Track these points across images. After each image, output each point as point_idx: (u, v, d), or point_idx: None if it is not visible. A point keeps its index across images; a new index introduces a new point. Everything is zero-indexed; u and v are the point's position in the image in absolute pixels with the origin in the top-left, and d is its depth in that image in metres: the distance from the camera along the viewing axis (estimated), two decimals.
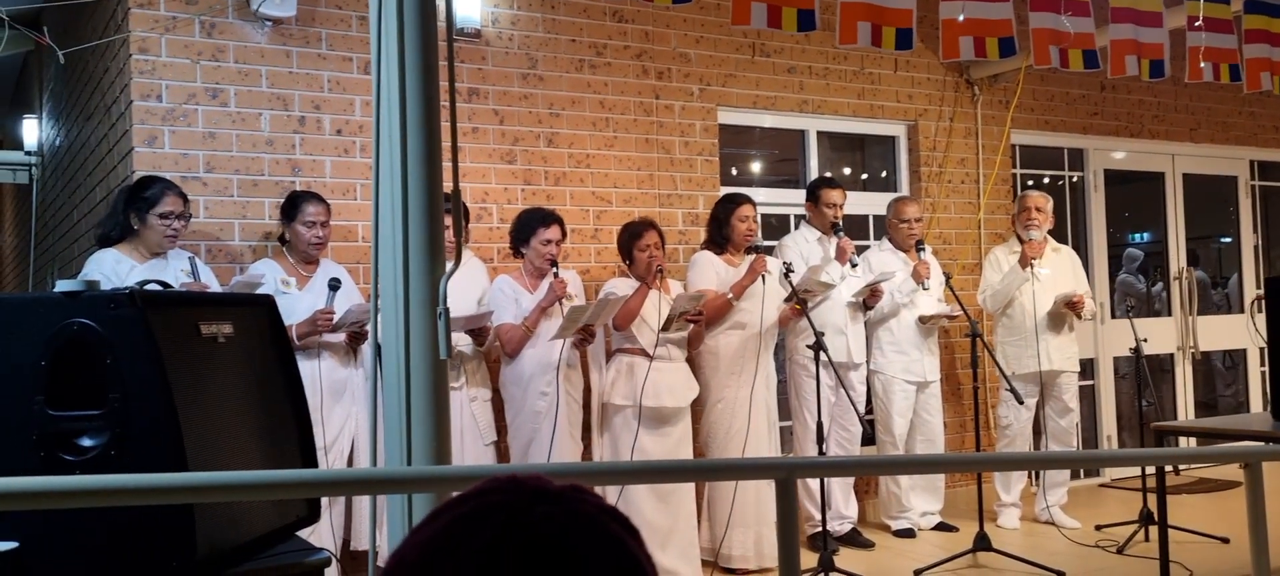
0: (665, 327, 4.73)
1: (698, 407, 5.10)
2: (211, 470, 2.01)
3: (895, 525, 5.69)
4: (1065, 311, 5.75)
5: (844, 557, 5.03)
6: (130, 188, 4.14)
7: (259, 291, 3.76)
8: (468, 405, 4.59)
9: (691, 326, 4.85)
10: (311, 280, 4.38)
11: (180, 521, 1.94)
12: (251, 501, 2.17)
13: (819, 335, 4.76)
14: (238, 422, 2.22)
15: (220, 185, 4.56)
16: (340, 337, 4.33)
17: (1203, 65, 5.37)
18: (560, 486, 0.79)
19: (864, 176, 6.82)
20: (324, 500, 4.17)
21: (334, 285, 4.23)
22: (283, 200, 4.47)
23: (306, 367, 4.21)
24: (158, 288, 2.21)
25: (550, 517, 0.75)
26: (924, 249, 5.68)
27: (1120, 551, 5.21)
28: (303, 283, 4.37)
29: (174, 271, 4.06)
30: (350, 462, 4.39)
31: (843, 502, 5.50)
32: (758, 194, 6.07)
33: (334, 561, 2.39)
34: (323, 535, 4.17)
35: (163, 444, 1.94)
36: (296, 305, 4.25)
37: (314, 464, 2.50)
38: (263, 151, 4.65)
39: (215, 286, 4.18)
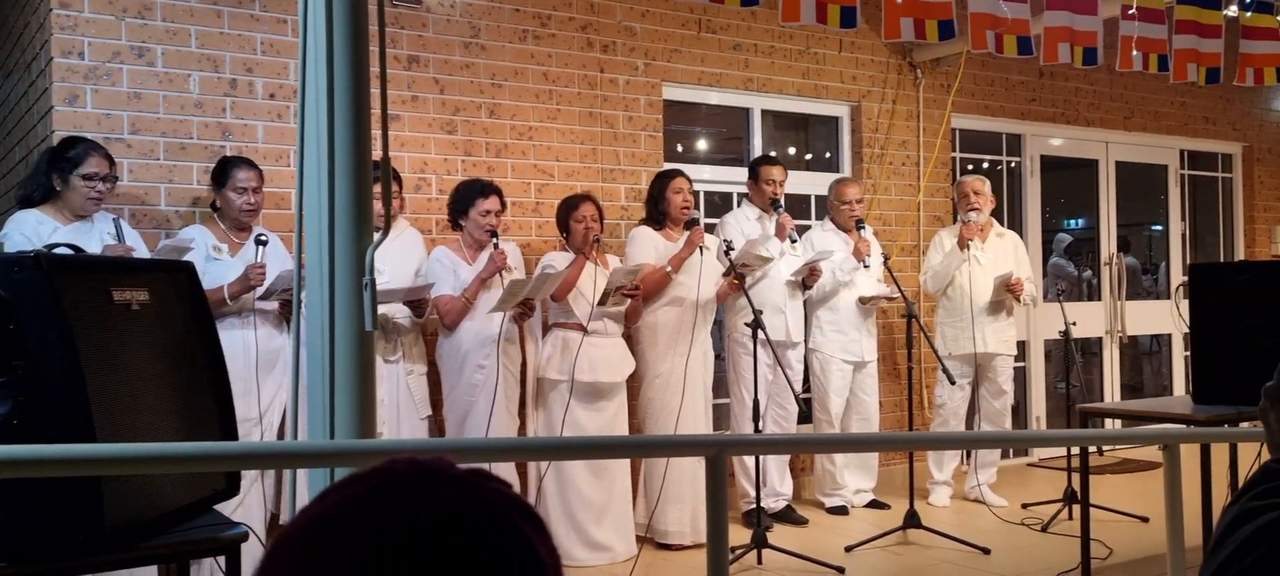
0: (602, 302, 4.71)
1: (635, 382, 5.10)
2: (122, 441, 1.95)
3: (829, 502, 5.75)
4: (1004, 295, 5.82)
5: (777, 534, 5.08)
6: (53, 148, 4.01)
7: (189, 258, 3.67)
8: (404, 378, 4.54)
9: (629, 301, 4.83)
10: (244, 248, 4.29)
11: (87, 494, 1.88)
12: (164, 474, 2.11)
13: (757, 313, 4.77)
14: (151, 392, 2.16)
15: (146, 148, 4.43)
16: (273, 306, 4.25)
17: (1134, 54, 5.46)
18: (463, 470, 0.75)
19: (808, 156, 6.84)
20: (253, 472, 4.11)
21: (261, 240, 4.17)
22: (212, 165, 4.35)
23: (240, 337, 4.14)
24: (68, 251, 2.14)
25: (446, 503, 0.72)
26: (864, 227, 5.72)
27: (1044, 529, 5.32)
28: (235, 250, 4.28)
29: (99, 234, 3.95)
30: (281, 435, 4.31)
31: (778, 480, 5.54)
32: (702, 172, 6.08)
33: (253, 536, 2.33)
34: (251, 508, 4.11)
35: (69, 413, 1.87)
36: (228, 272, 4.17)
37: (233, 436, 2.45)
38: (191, 114, 4.52)
39: (142, 249, 4.07)
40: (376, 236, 2.27)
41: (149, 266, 2.73)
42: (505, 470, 4.62)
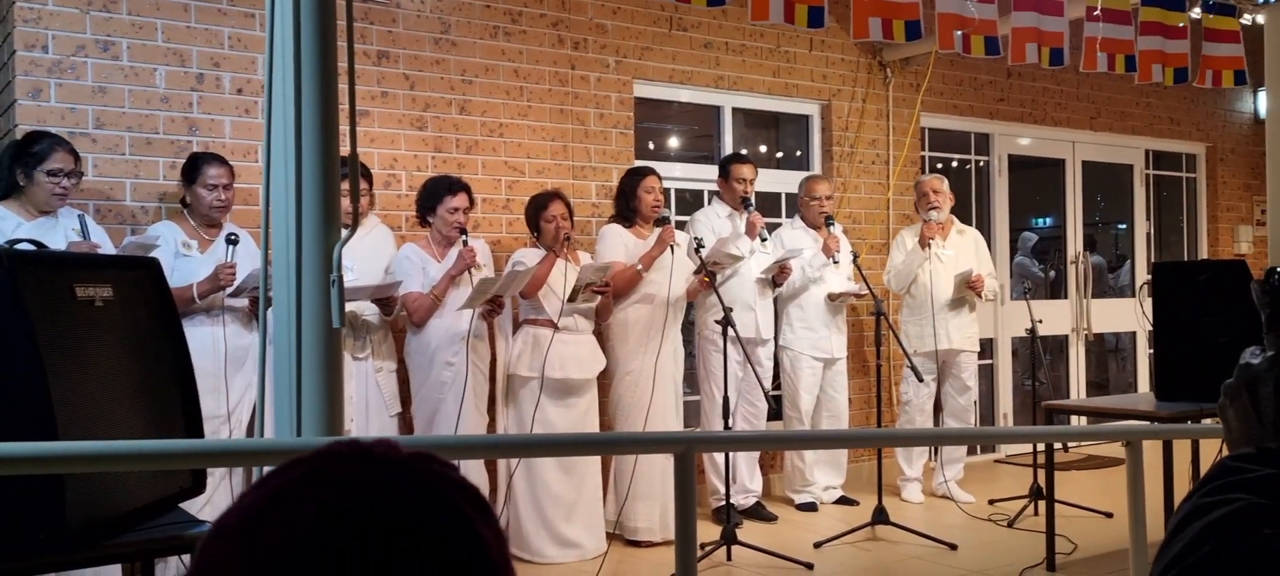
0: (572, 299, 4.71)
1: (606, 380, 5.10)
2: (84, 438, 1.93)
3: (798, 499, 5.79)
4: (966, 292, 5.88)
5: (747, 530, 5.10)
6: (17, 143, 3.96)
7: (158, 254, 3.63)
8: (372, 376, 4.53)
9: (599, 298, 4.84)
10: (214, 244, 4.26)
11: (49, 492, 1.86)
12: (128, 472, 2.09)
13: (727, 310, 4.79)
14: (115, 389, 2.14)
15: (111, 142, 4.38)
16: (243, 303, 4.21)
17: (1099, 55, 5.53)
18: (409, 454, 0.73)
19: (779, 155, 6.87)
20: (221, 470, 4.08)
21: (232, 239, 4.13)
22: (179, 160, 4.32)
23: (209, 333, 4.11)
24: (30, 247, 2.11)
25: (387, 484, 0.69)
26: (833, 224, 5.75)
27: (1011, 525, 5.38)
28: (205, 246, 4.24)
29: (64, 230, 3.91)
30: (251, 432, 4.28)
31: (748, 476, 5.57)
32: (673, 169, 6.09)
33: None
34: (219, 507, 4.06)
35: (31, 410, 1.85)
36: (198, 270, 4.14)
37: (199, 433, 2.43)
38: (158, 109, 4.48)
39: (107, 246, 4.03)
40: (344, 233, 2.26)
41: (113, 263, 2.70)
42: (474, 467, 4.61)
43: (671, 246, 4.99)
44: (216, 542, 0.69)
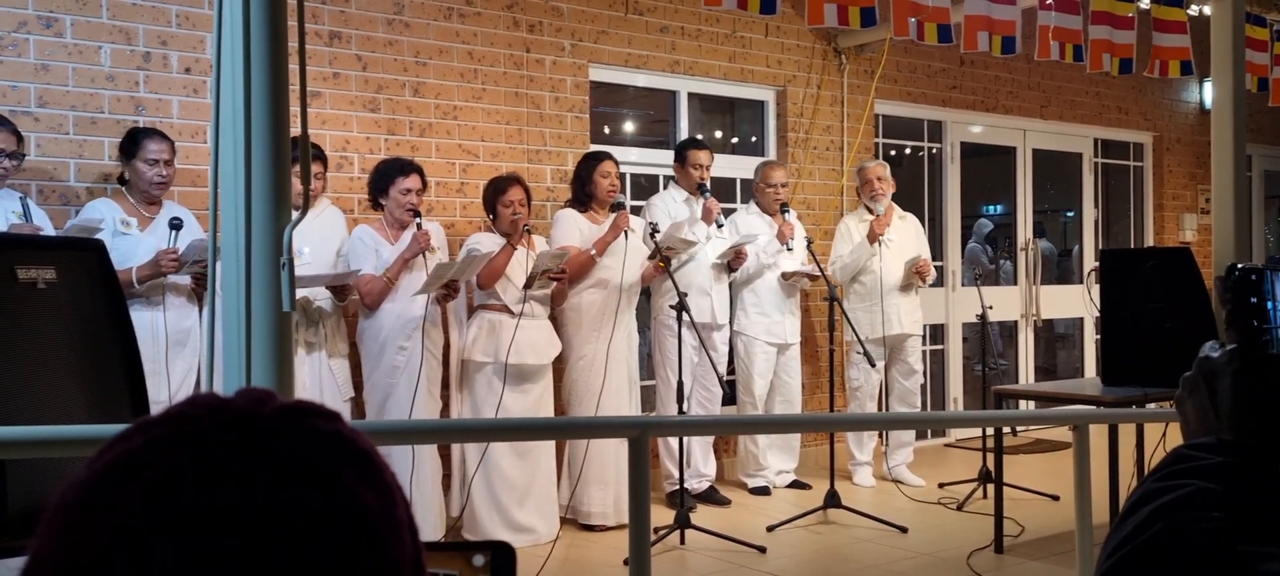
0: (528, 285, 4.69)
1: (560, 365, 5.09)
2: (26, 423, 1.88)
3: (752, 483, 5.82)
4: (913, 277, 5.96)
5: (700, 515, 5.12)
6: None
7: (98, 236, 3.55)
8: (325, 361, 4.48)
9: (555, 284, 4.82)
10: (154, 222, 4.16)
11: None
12: (72, 458, 2.04)
13: (681, 295, 4.80)
14: (58, 373, 2.09)
15: (54, 121, 4.27)
16: (185, 280, 4.13)
17: (1051, 44, 5.60)
18: (277, 408, 0.62)
19: (734, 140, 6.88)
20: None
21: (175, 225, 4.03)
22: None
23: (147, 315, 4.02)
24: None
25: (243, 453, 0.59)
26: (788, 211, 5.77)
27: (960, 508, 5.46)
28: (144, 225, 4.15)
29: (4, 212, 3.81)
30: None
31: (702, 461, 5.59)
32: (629, 154, 6.08)
33: None
34: None
35: None
36: (137, 248, 4.04)
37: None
38: (103, 87, 4.37)
39: (49, 229, 3.93)
40: (294, 215, 2.22)
41: (56, 244, 2.64)
42: (427, 453, 4.58)
43: (626, 232, 4.98)
44: (51, 526, 0.59)
